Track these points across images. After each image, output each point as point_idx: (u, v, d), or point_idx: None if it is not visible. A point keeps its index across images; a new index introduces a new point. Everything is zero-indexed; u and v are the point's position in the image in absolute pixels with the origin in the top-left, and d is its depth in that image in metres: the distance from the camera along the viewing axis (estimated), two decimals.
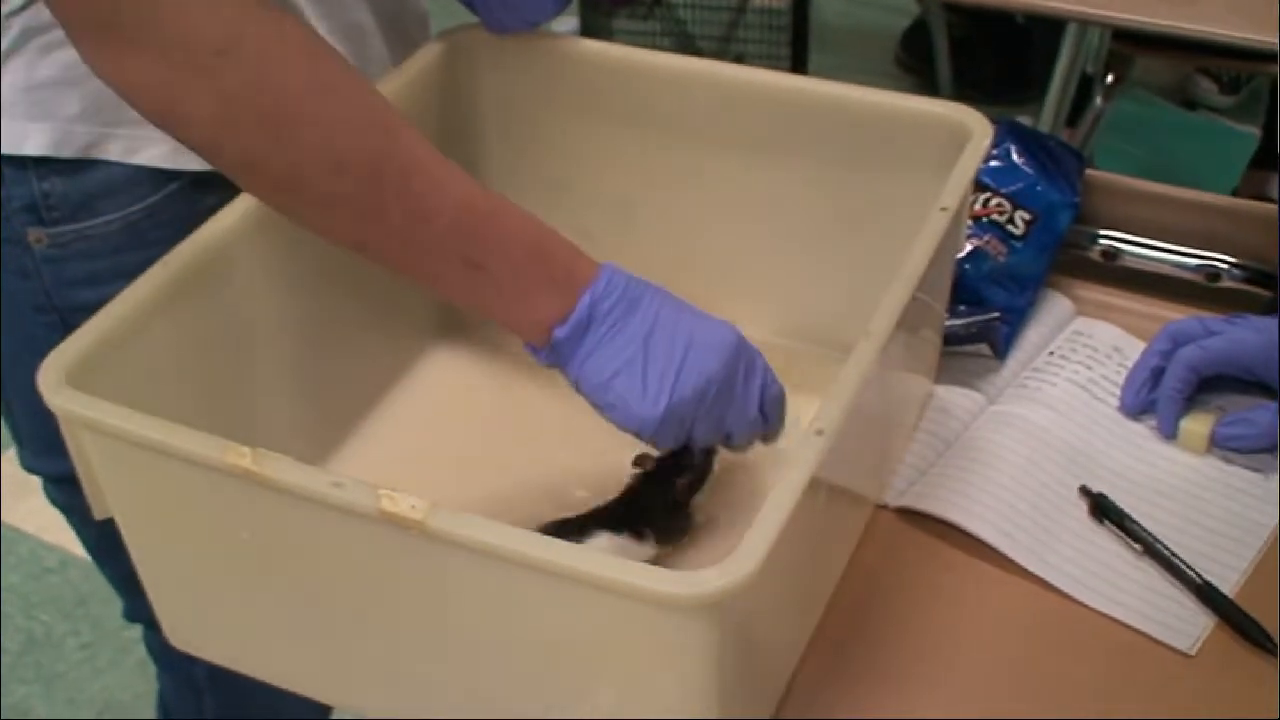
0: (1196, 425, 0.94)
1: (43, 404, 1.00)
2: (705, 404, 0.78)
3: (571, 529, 0.85)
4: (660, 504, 0.87)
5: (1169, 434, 0.95)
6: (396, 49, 1.03)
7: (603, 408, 0.78)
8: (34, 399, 1.00)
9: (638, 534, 0.85)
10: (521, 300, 0.77)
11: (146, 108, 0.70)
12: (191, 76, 0.68)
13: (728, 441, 0.82)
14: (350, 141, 0.72)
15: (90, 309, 0.76)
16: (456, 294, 0.78)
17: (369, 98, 0.74)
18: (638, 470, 0.88)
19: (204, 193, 0.93)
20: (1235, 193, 2.26)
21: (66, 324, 0.82)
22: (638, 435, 0.79)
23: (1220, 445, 0.93)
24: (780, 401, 0.83)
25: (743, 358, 0.80)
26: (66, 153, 0.92)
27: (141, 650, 1.34)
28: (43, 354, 0.74)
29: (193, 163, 0.88)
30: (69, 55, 0.72)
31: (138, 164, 0.94)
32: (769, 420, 0.82)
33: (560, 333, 0.77)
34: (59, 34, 0.72)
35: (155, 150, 0.93)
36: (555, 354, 0.78)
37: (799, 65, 2.83)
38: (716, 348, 0.79)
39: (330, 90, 0.72)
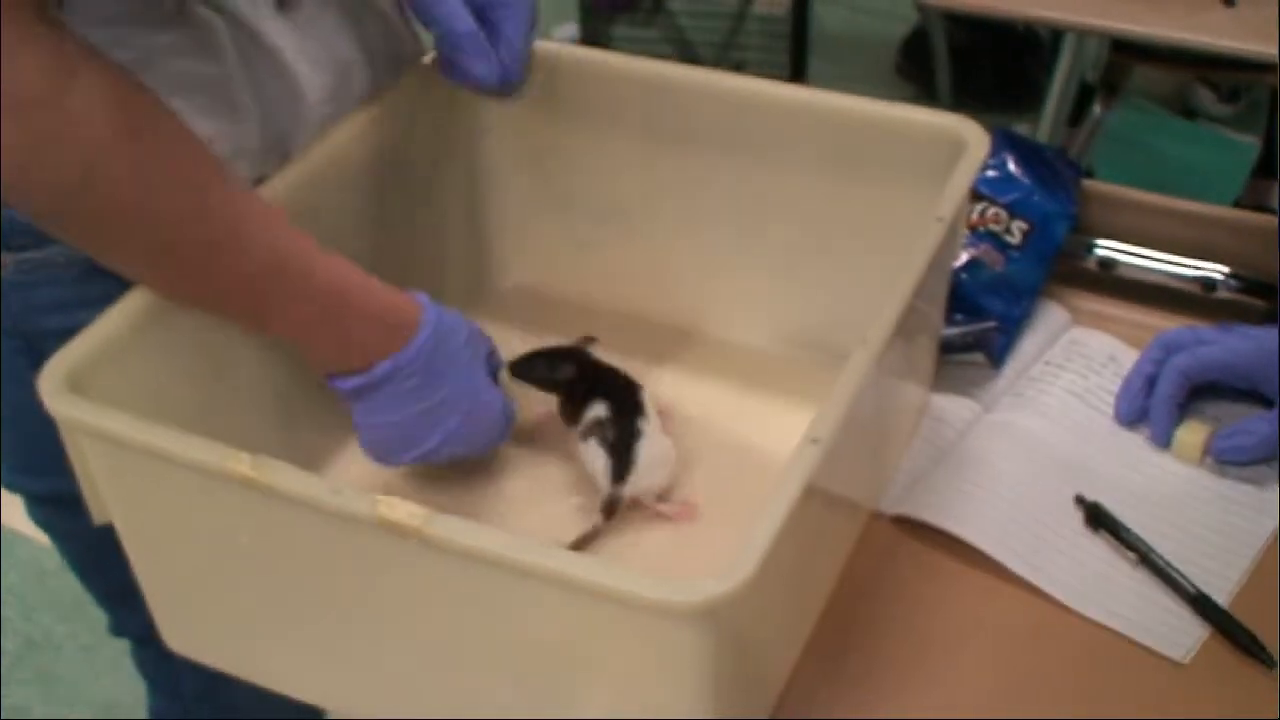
0: (1191, 435, 0.94)
1: (19, 425, 1.01)
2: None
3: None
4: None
5: (1163, 442, 0.95)
6: (384, 81, 1.00)
7: (356, 428, 0.85)
8: (10, 420, 1.00)
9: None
10: (307, 348, 0.82)
11: None
12: (8, 127, 0.68)
13: None
14: (151, 194, 0.73)
15: (56, 335, 0.76)
16: (250, 330, 0.82)
17: (179, 151, 0.75)
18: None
19: None
20: (1238, 202, 2.27)
21: (33, 349, 0.82)
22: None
23: (1218, 457, 0.94)
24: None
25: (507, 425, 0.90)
26: None
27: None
28: (15, 378, 0.74)
29: None
30: None
31: None
32: None
33: (346, 384, 0.82)
34: None
35: None
36: (338, 389, 0.83)
37: (798, 73, 2.84)
38: (484, 427, 0.88)
39: (141, 141, 0.73)
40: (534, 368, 0.93)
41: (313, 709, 0.98)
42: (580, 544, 0.87)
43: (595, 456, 0.89)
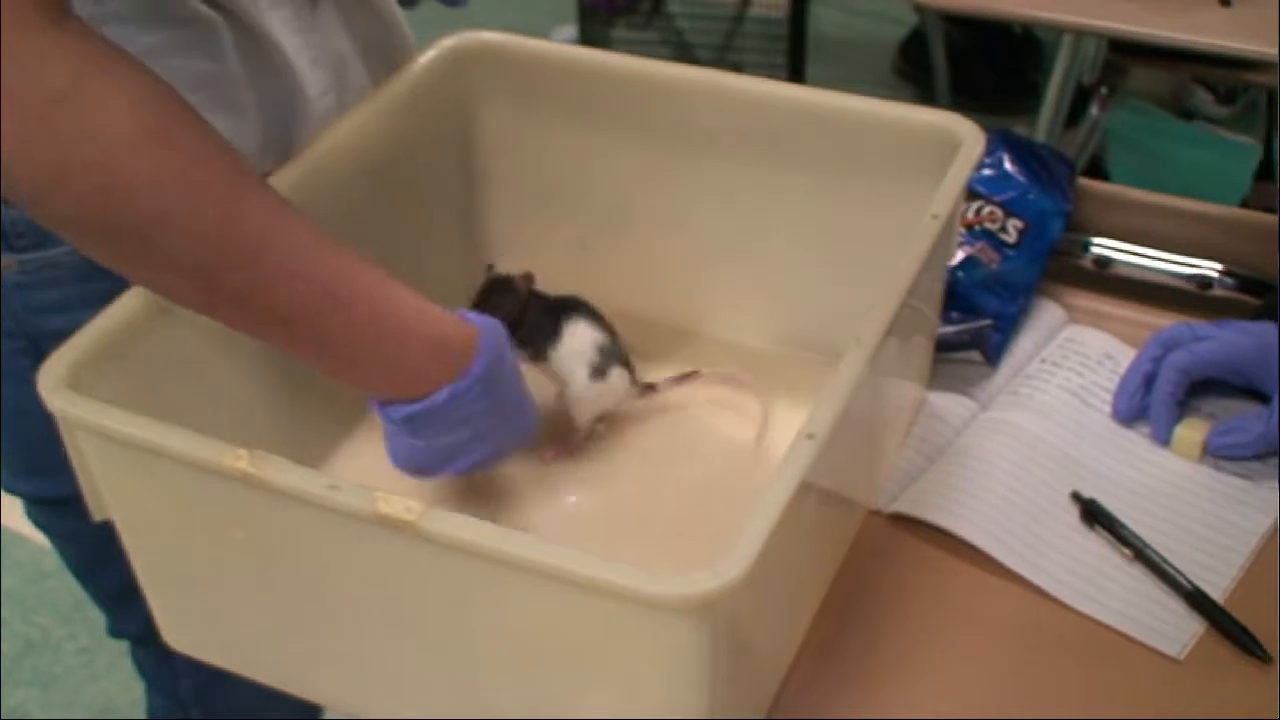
0: (1190, 432, 0.95)
1: (19, 426, 1.01)
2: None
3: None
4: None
5: (1163, 439, 0.95)
6: (379, 76, 1.01)
7: (386, 438, 0.81)
8: (10, 421, 0.99)
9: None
10: (361, 380, 0.78)
11: None
12: (26, 127, 0.64)
13: None
14: (190, 203, 0.68)
15: (59, 335, 0.75)
16: (296, 358, 0.77)
17: (217, 157, 0.70)
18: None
19: None
20: (1245, 204, 2.27)
21: (37, 349, 0.81)
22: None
23: (1215, 454, 0.94)
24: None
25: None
26: None
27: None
28: (15, 377, 0.73)
29: None
30: None
31: None
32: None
33: (397, 413, 0.78)
34: None
35: None
36: (382, 412, 0.79)
37: (796, 74, 2.84)
38: (518, 438, 0.85)
39: (173, 146, 0.67)
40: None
41: (311, 709, 0.99)
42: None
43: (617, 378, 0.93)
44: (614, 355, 0.93)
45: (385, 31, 1.02)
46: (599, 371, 0.92)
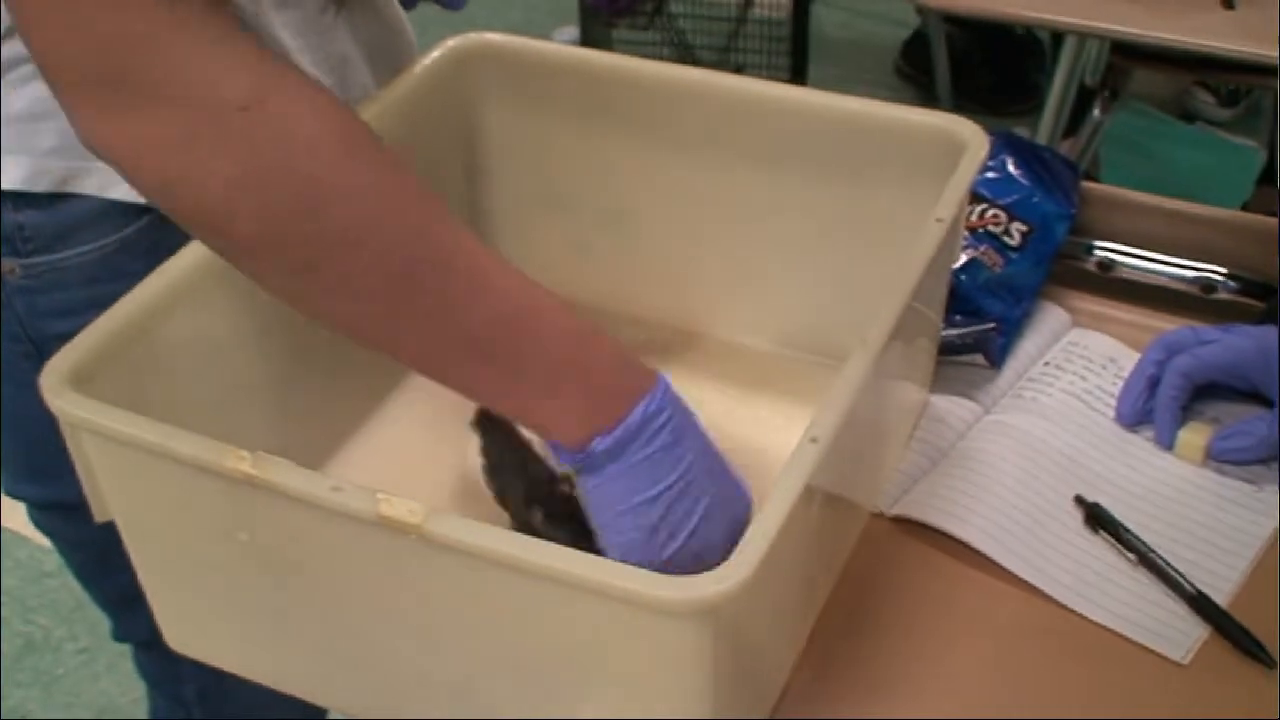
0: (1193, 436, 0.94)
1: (23, 431, 1.01)
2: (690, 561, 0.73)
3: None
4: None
5: (1166, 444, 0.95)
6: (383, 78, 1.01)
7: (601, 530, 0.73)
8: (14, 426, 0.99)
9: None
10: (554, 403, 0.70)
11: (150, 175, 0.63)
12: (212, 135, 0.61)
13: None
14: (386, 214, 0.65)
15: (64, 339, 0.74)
16: (484, 392, 0.73)
17: (402, 170, 0.67)
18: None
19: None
20: (1246, 208, 2.26)
21: (41, 354, 0.82)
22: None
23: (1217, 458, 0.94)
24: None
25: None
26: (41, 187, 0.90)
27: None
28: (18, 382, 0.73)
29: None
30: (43, 89, 0.65)
31: (113, 198, 0.92)
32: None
33: (601, 444, 0.70)
34: (33, 67, 0.67)
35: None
36: (585, 461, 0.71)
37: (798, 76, 2.84)
38: (728, 523, 0.75)
39: (362, 155, 0.65)
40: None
41: (316, 711, 0.99)
42: None
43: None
44: None
45: (390, 34, 1.02)
46: None
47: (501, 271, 0.69)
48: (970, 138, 0.88)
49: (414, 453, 0.97)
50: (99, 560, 0.79)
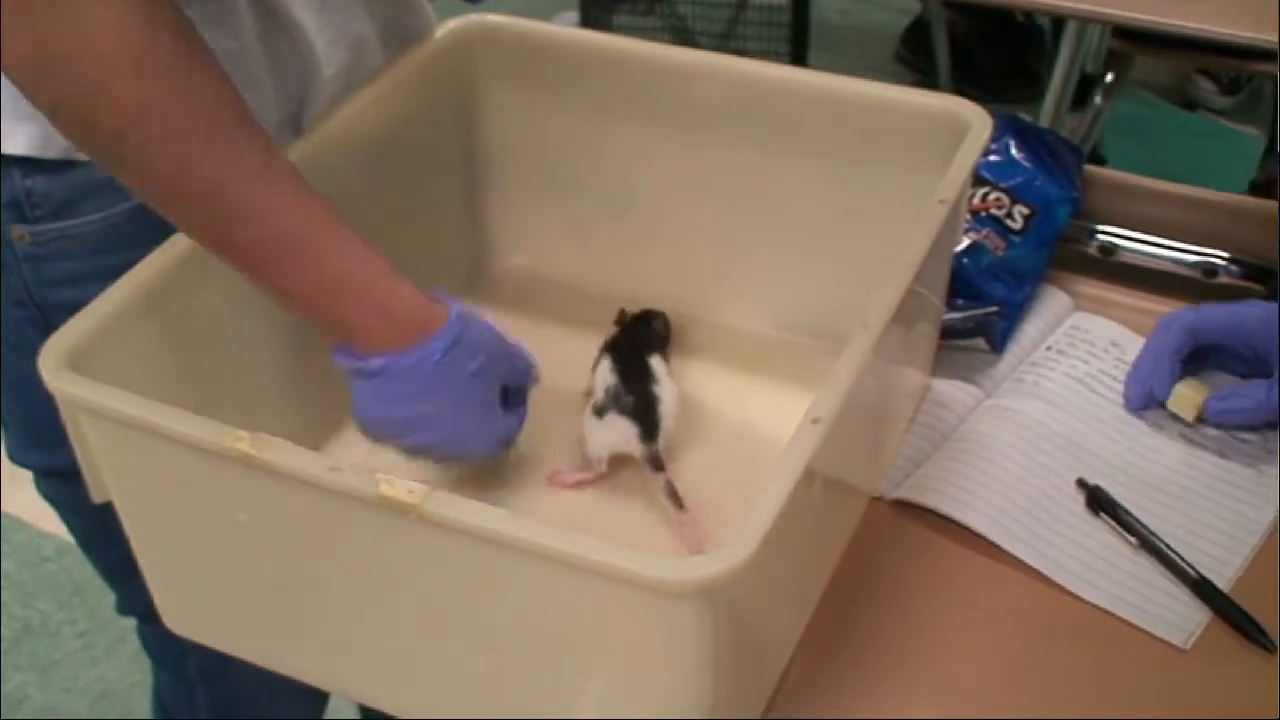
0: (1190, 391, 0.94)
1: (27, 397, 1.00)
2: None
3: None
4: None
5: (1163, 396, 0.94)
6: (398, 57, 1.01)
7: (356, 407, 0.81)
8: (19, 392, 1.00)
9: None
10: (318, 326, 0.79)
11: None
12: (14, 18, 0.67)
13: None
14: (154, 129, 0.71)
15: (70, 307, 0.75)
16: (275, 299, 0.79)
17: (199, 96, 0.73)
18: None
19: None
20: (1253, 184, 2.26)
21: (47, 321, 0.82)
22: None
23: (1211, 419, 0.93)
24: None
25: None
26: (51, 154, 0.91)
27: (138, 639, 1.34)
28: (23, 348, 0.73)
29: None
30: None
31: None
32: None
33: (342, 361, 0.79)
34: None
35: None
36: (358, 369, 0.79)
37: (798, 62, 2.83)
38: (469, 449, 0.84)
39: (152, 76, 0.70)
40: None
41: (318, 689, 0.99)
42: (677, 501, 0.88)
43: (616, 426, 0.91)
44: (618, 403, 0.91)
45: (406, 13, 1.02)
46: (598, 410, 0.91)
47: (270, 206, 0.75)
48: (973, 119, 0.88)
49: None
50: (101, 528, 0.79)
